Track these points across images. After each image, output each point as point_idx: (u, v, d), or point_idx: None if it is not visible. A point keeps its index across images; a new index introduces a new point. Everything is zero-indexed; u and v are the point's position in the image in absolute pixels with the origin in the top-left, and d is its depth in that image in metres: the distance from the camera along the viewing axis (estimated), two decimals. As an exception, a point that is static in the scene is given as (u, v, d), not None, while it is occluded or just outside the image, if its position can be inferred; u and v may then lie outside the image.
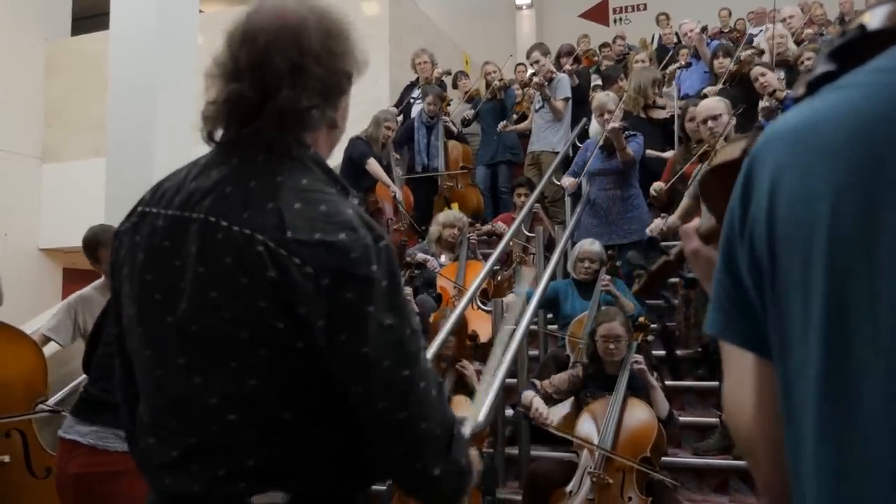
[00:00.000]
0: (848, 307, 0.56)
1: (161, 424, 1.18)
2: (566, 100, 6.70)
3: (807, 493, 0.60)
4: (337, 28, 1.20)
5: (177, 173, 1.25)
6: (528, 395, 3.42)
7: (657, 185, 4.67)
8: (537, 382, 3.54)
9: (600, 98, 5.30)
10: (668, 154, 5.69)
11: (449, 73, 7.46)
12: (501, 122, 6.81)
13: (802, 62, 6.27)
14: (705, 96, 5.51)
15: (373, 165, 5.93)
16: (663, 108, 6.31)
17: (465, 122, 7.21)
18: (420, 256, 5.20)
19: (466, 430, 1.24)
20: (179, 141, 4.59)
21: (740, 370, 0.74)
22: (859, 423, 0.55)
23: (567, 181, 5.33)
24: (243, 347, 1.10)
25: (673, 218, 4.22)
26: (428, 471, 1.13)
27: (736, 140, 0.92)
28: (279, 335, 1.08)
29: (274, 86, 1.14)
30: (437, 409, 1.14)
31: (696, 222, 1.05)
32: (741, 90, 5.81)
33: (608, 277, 4.38)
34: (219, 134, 1.22)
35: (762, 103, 5.11)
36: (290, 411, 1.12)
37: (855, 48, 0.63)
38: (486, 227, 6.09)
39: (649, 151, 5.61)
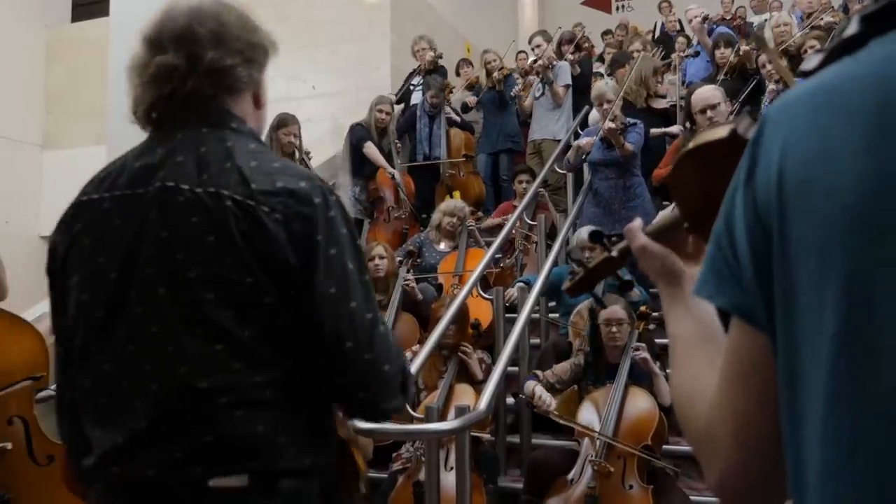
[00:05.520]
0: (869, 267, 0.54)
1: (110, 411, 1.16)
2: (566, 87, 6.67)
3: (809, 461, 0.59)
4: (246, 13, 1.29)
5: (113, 163, 1.27)
6: (531, 385, 3.43)
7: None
8: (539, 373, 3.54)
9: (599, 87, 5.22)
10: (674, 129, 5.63)
11: (441, 56, 7.36)
12: (513, 90, 6.79)
13: (805, 51, 6.22)
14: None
15: (370, 149, 5.91)
16: (664, 97, 6.26)
17: (466, 108, 7.18)
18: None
19: (412, 366, 1.37)
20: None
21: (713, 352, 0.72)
22: (880, 383, 0.54)
23: (583, 140, 5.13)
24: (211, 308, 1.11)
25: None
26: (384, 406, 1.21)
27: (721, 123, 0.87)
28: (246, 292, 1.11)
29: (198, 52, 1.20)
30: (393, 351, 1.21)
31: (638, 221, 1.02)
32: (742, 82, 5.77)
33: None
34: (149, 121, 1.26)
35: (770, 87, 5.07)
36: (260, 375, 1.13)
37: (890, 13, 0.60)
38: (487, 223, 5.87)
39: (654, 130, 5.57)
